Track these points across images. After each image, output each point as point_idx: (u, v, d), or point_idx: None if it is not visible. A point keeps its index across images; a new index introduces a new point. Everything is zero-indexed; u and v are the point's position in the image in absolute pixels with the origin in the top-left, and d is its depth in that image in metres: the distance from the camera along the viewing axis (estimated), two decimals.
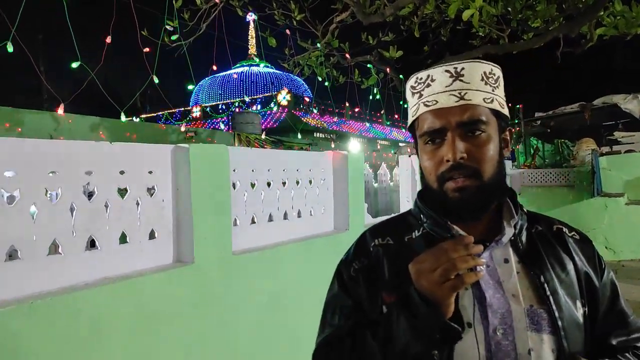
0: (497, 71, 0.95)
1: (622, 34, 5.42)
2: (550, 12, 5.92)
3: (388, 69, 7.45)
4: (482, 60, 0.94)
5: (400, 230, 1.02)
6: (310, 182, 3.52)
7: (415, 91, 0.97)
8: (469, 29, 6.92)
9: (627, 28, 5.10)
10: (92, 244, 2.11)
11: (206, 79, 37.10)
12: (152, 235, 2.35)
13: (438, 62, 7.13)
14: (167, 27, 5.35)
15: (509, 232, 0.93)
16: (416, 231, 1.00)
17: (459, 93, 0.90)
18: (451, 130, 0.89)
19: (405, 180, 5.24)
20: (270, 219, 3.12)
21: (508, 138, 0.99)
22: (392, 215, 1.14)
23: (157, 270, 2.26)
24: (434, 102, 0.92)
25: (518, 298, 0.87)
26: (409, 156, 5.29)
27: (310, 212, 3.50)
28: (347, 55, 7.40)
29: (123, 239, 2.22)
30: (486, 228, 0.94)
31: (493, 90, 0.92)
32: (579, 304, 0.90)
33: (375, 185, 9.18)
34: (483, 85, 0.91)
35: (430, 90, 0.93)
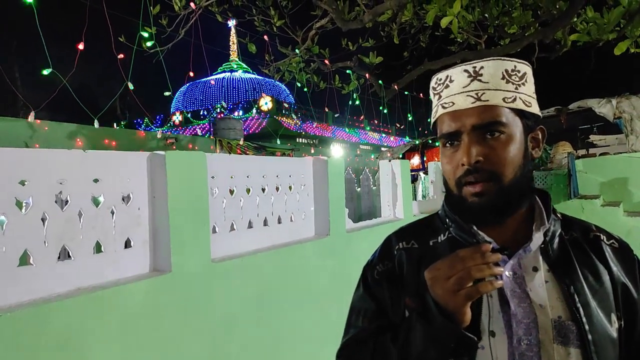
0: (523, 67, 0.91)
1: (595, 40, 5.56)
2: (525, 18, 6.05)
3: (368, 75, 7.49)
4: (505, 58, 0.90)
5: (426, 234, 1.00)
6: (290, 188, 3.50)
7: (435, 92, 0.96)
8: (448, 35, 7.02)
9: (599, 34, 5.23)
10: (69, 254, 2.06)
11: (187, 84, 36.83)
12: (127, 244, 2.31)
13: (417, 68, 7.21)
14: (144, 33, 5.29)
15: (537, 239, 0.88)
16: (442, 235, 0.98)
17: (476, 94, 0.87)
18: (467, 133, 0.87)
19: (385, 185, 5.26)
20: (250, 226, 3.09)
21: (539, 137, 0.94)
22: (424, 216, 1.11)
23: (133, 280, 2.22)
24: (451, 104, 0.89)
25: (545, 309, 0.83)
26: (389, 161, 5.32)
27: (291, 218, 3.49)
28: (327, 61, 7.42)
29: (98, 248, 2.17)
30: (515, 234, 0.90)
31: (517, 89, 0.88)
32: (613, 317, 0.85)
33: (358, 189, 9.20)
34: (504, 84, 0.88)
35: (448, 91, 0.91)
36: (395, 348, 0.84)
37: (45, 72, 3.80)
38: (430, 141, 13.74)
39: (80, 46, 4.14)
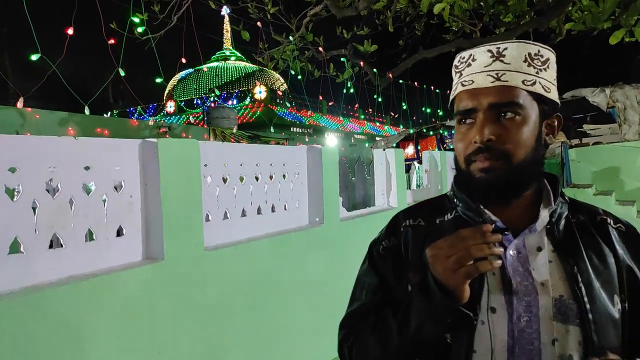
0: (547, 53, 0.91)
1: (590, 28, 5.56)
2: (521, 6, 6.03)
3: (362, 63, 7.46)
4: (530, 41, 0.90)
5: (434, 212, 1.02)
6: (284, 176, 3.49)
7: (457, 70, 0.96)
8: (443, 24, 6.99)
9: (594, 23, 5.22)
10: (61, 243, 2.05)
11: (182, 73, 36.50)
12: (120, 232, 2.30)
13: (412, 56, 7.18)
14: (135, 19, 5.22)
15: (543, 219, 0.90)
16: (449, 214, 1.00)
17: (496, 74, 0.88)
18: (482, 111, 0.88)
19: (379, 174, 5.26)
20: (244, 214, 3.09)
21: (555, 124, 0.95)
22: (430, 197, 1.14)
23: (126, 268, 2.21)
24: (470, 82, 0.90)
25: (547, 287, 0.85)
26: (383, 150, 5.32)
27: (285, 206, 3.48)
28: (321, 49, 7.38)
29: (90, 236, 2.16)
30: (522, 214, 0.92)
31: (537, 73, 0.89)
32: (617, 299, 0.86)
33: (352, 178, 9.21)
34: (525, 66, 0.88)
35: (469, 69, 0.92)
36: (395, 321, 0.86)
37: (34, 57, 3.74)
38: (424, 130, 13.73)
39: (70, 31, 4.06)
